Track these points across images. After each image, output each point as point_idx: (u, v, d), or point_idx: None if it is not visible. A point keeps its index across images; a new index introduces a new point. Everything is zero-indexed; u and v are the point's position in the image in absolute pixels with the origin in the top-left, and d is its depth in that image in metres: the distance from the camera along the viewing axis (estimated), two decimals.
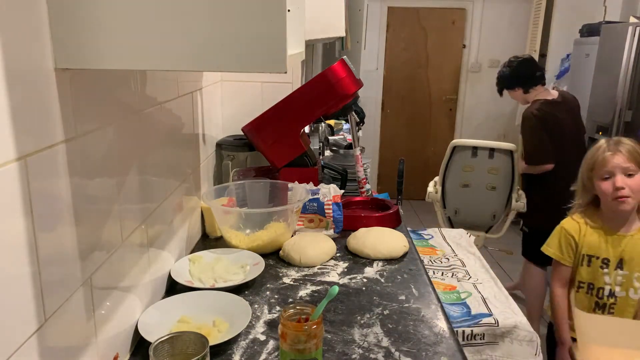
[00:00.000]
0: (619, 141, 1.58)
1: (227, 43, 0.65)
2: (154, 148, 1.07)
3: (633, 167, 1.53)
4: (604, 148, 1.58)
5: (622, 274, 1.61)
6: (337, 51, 3.05)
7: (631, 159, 1.54)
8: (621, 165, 1.53)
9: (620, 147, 1.55)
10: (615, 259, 1.62)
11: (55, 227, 0.69)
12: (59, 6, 0.65)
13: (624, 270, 1.61)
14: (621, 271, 1.61)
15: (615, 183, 1.53)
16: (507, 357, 1.30)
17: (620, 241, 1.61)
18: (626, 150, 1.54)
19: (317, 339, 0.84)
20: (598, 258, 1.63)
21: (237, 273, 1.22)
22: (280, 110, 1.57)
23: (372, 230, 1.43)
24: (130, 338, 0.96)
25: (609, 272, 1.62)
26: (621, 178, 1.53)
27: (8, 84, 0.58)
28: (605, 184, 1.56)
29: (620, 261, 1.61)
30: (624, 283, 1.61)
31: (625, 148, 1.55)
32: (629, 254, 1.60)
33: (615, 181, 1.53)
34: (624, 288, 1.62)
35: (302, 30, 1.00)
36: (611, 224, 1.63)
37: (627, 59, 2.62)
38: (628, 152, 1.54)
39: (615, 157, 1.54)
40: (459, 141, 2.99)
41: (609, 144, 1.59)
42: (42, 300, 0.65)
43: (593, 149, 1.63)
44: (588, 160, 1.63)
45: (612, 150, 1.55)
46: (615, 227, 1.63)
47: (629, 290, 1.61)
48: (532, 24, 4.77)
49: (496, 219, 3.04)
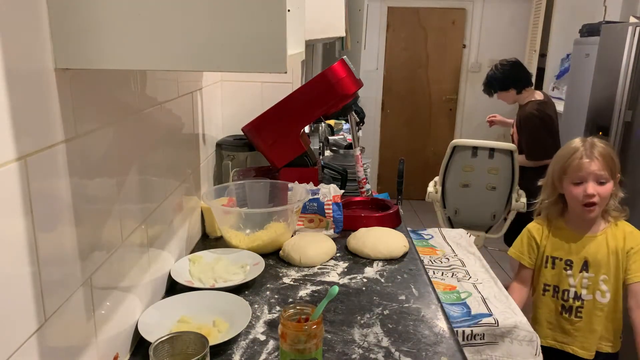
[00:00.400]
0: (593, 144, 1.54)
1: (227, 43, 0.65)
2: (154, 148, 1.07)
3: (606, 175, 1.51)
4: (581, 152, 1.53)
5: (587, 277, 1.58)
6: (337, 51, 3.05)
7: (606, 166, 1.51)
8: (595, 172, 1.50)
9: (596, 152, 1.51)
10: (579, 261, 1.59)
11: (55, 227, 0.69)
12: (59, 6, 0.65)
13: (589, 273, 1.58)
14: (587, 273, 1.59)
15: (587, 190, 1.50)
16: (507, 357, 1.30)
17: (583, 243, 1.60)
18: (602, 157, 1.51)
19: (317, 339, 0.84)
20: (561, 260, 1.62)
21: (237, 273, 1.22)
22: (280, 110, 1.57)
23: (372, 230, 1.43)
24: (130, 338, 0.96)
25: (573, 273, 1.60)
26: (593, 186, 1.51)
27: (8, 84, 0.58)
28: (577, 189, 1.53)
29: (585, 263, 1.59)
30: (590, 286, 1.58)
31: (601, 154, 1.51)
32: (593, 255, 1.58)
33: (586, 188, 1.51)
34: (590, 291, 1.59)
35: (302, 30, 1.00)
36: (575, 225, 1.62)
37: (627, 59, 2.62)
38: (603, 159, 1.51)
39: (591, 164, 1.51)
40: (459, 141, 2.99)
41: (585, 147, 1.54)
42: (42, 300, 0.65)
43: (568, 150, 1.58)
44: (561, 161, 1.58)
45: (589, 157, 1.51)
46: (579, 228, 1.62)
47: (595, 293, 1.58)
48: (532, 24, 4.77)
49: (496, 219, 3.04)
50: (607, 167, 1.51)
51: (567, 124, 3.51)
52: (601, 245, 1.58)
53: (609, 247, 1.58)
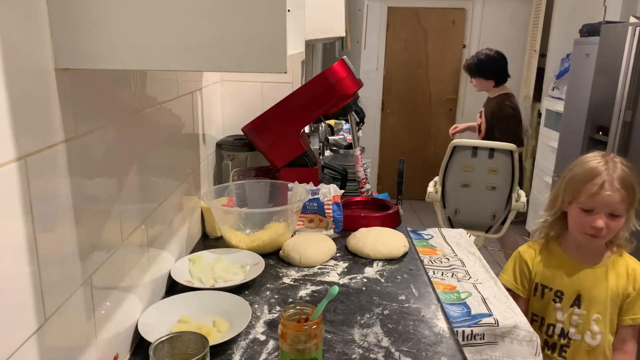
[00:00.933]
0: (615, 168, 1.33)
1: (227, 43, 0.65)
2: (154, 148, 1.07)
3: (621, 209, 1.32)
4: (601, 179, 1.31)
5: (578, 313, 1.39)
6: (337, 51, 3.05)
7: (625, 199, 1.31)
8: (612, 205, 1.31)
9: (618, 182, 1.30)
10: (571, 294, 1.40)
11: (55, 227, 0.69)
12: (59, 6, 0.65)
13: (581, 309, 1.39)
14: (578, 309, 1.39)
15: (596, 223, 1.31)
16: (507, 357, 1.30)
17: (579, 273, 1.40)
18: (624, 187, 1.30)
19: (317, 339, 0.84)
20: (551, 289, 1.43)
21: (237, 273, 1.22)
22: (280, 110, 1.57)
23: (372, 230, 1.43)
24: (130, 338, 0.96)
25: (562, 307, 1.41)
26: (605, 219, 1.31)
27: (8, 84, 0.58)
28: (585, 217, 1.34)
29: (578, 297, 1.39)
30: (580, 325, 1.39)
31: (624, 184, 1.31)
32: (588, 290, 1.39)
33: (596, 220, 1.31)
34: (579, 330, 1.40)
35: (302, 30, 1.00)
36: (572, 251, 1.43)
37: (627, 59, 2.62)
38: (625, 189, 1.30)
39: (610, 196, 1.30)
40: (459, 141, 2.99)
41: (607, 173, 1.31)
42: (42, 300, 0.65)
43: (586, 170, 1.35)
44: (576, 182, 1.36)
45: (610, 188, 1.29)
46: (577, 256, 1.42)
47: (585, 333, 1.39)
48: (532, 24, 4.77)
49: (496, 219, 3.04)
50: (626, 200, 1.31)
51: (567, 124, 3.52)
52: (599, 280, 1.39)
53: (609, 283, 1.39)
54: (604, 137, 2.83)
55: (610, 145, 2.73)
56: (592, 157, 1.39)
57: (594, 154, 1.41)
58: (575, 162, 1.43)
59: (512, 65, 5.06)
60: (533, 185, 4.40)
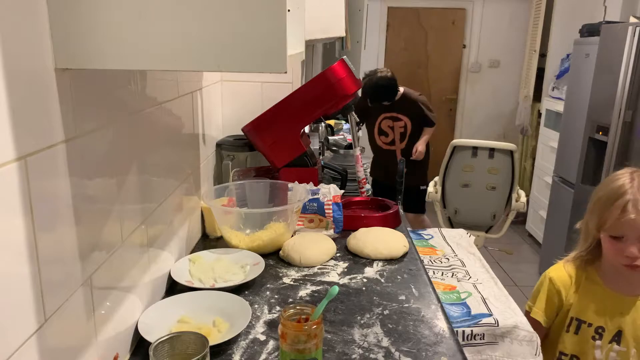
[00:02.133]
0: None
1: (227, 43, 0.65)
2: (154, 148, 1.07)
3: None
4: (625, 201, 1.17)
5: (617, 350, 1.26)
6: (337, 51, 3.05)
7: None
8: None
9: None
10: (612, 329, 1.26)
11: (55, 227, 0.69)
12: (59, 6, 0.65)
13: (620, 346, 1.25)
14: (617, 346, 1.26)
15: (628, 252, 1.18)
16: (507, 357, 1.30)
17: (622, 306, 1.26)
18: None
19: (317, 339, 0.84)
20: (590, 325, 1.27)
21: (237, 273, 1.22)
22: (280, 110, 1.57)
23: (372, 230, 1.43)
24: (130, 338, 0.96)
25: (601, 345, 1.26)
26: (636, 247, 1.18)
27: (8, 84, 0.58)
28: (616, 244, 1.21)
29: (619, 333, 1.25)
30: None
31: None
32: (631, 325, 1.25)
33: (628, 249, 1.18)
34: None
35: (302, 30, 1.00)
36: (612, 281, 1.28)
37: (627, 59, 2.62)
38: None
39: (636, 219, 1.16)
40: (459, 141, 3.00)
41: (632, 193, 1.18)
42: (42, 300, 0.65)
43: (610, 192, 1.21)
44: (601, 207, 1.23)
45: (635, 212, 1.16)
46: (617, 286, 1.28)
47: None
48: (532, 24, 4.77)
49: (496, 219, 3.05)
50: None
51: (567, 124, 3.52)
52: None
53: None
54: (604, 137, 2.83)
55: (610, 145, 2.73)
56: (619, 175, 1.24)
57: (622, 170, 1.26)
58: (603, 181, 1.31)
59: (512, 65, 5.12)
60: (533, 185, 4.40)
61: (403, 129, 3.18)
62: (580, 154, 3.08)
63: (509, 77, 5.17)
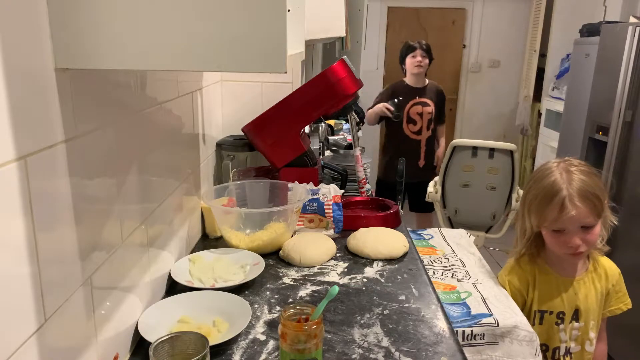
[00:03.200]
0: (571, 180, 1.23)
1: (227, 43, 0.65)
2: (154, 148, 1.07)
3: (591, 220, 1.23)
4: (560, 199, 1.21)
5: (577, 327, 1.35)
6: (337, 51, 3.05)
7: (591, 212, 1.22)
8: (581, 220, 1.22)
9: (577, 197, 1.21)
10: (570, 310, 1.34)
11: (55, 227, 0.69)
12: (59, 6, 0.65)
13: (579, 322, 1.34)
14: (577, 323, 1.35)
15: (572, 243, 1.24)
16: (507, 357, 1.30)
17: (574, 288, 1.34)
18: (584, 200, 1.21)
19: (317, 339, 0.84)
20: (552, 313, 1.35)
21: (237, 273, 1.22)
22: (280, 110, 1.57)
23: (372, 230, 1.43)
24: (130, 338, 0.96)
25: (564, 327, 1.35)
26: (578, 237, 1.24)
27: (8, 84, 0.58)
28: (558, 237, 1.27)
29: (576, 312, 1.34)
30: (578, 337, 1.36)
31: (584, 196, 1.21)
32: (583, 302, 1.34)
33: (571, 240, 1.24)
34: (579, 342, 1.36)
35: (302, 30, 1.00)
36: (560, 268, 1.36)
37: (627, 59, 2.62)
38: (587, 202, 1.21)
39: (573, 216, 1.21)
40: (459, 141, 2.99)
41: (566, 188, 1.22)
42: (42, 300, 0.65)
43: (542, 192, 1.26)
44: (536, 206, 1.28)
45: (570, 206, 1.21)
46: (566, 270, 1.36)
47: (585, 343, 1.36)
48: (532, 24, 4.77)
49: (496, 219, 3.04)
50: (593, 212, 1.23)
51: (567, 124, 3.52)
52: (590, 289, 1.35)
53: (596, 289, 1.36)
54: (604, 137, 2.83)
55: (610, 145, 2.73)
56: (547, 171, 1.29)
57: (549, 164, 1.31)
58: (531, 177, 1.35)
59: (512, 65, 5.12)
60: None
61: (430, 115, 3.27)
62: (580, 154, 3.08)
63: (509, 77, 5.17)
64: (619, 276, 1.42)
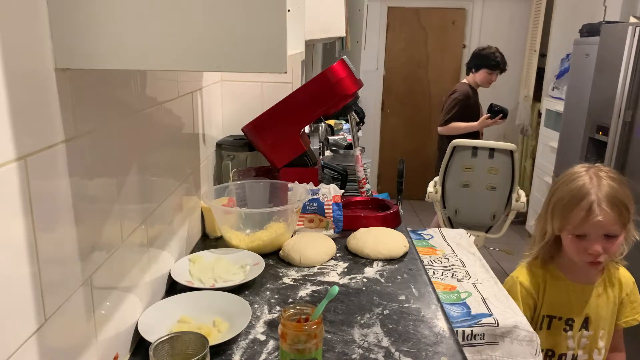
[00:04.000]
0: (600, 185, 1.20)
1: (227, 43, 0.65)
2: (154, 148, 1.07)
3: (616, 229, 1.21)
4: (587, 203, 1.19)
5: (587, 335, 1.33)
6: (337, 51, 3.05)
7: (617, 220, 1.19)
8: (606, 227, 1.20)
9: (605, 203, 1.19)
10: (580, 318, 1.33)
11: (55, 227, 0.69)
12: (59, 6, 0.65)
13: (588, 331, 1.32)
14: (586, 332, 1.33)
15: (593, 249, 1.22)
16: (507, 357, 1.30)
17: (585, 295, 1.32)
18: (613, 207, 1.19)
19: (317, 339, 0.84)
20: (560, 319, 1.33)
21: (237, 273, 1.22)
22: (280, 110, 1.57)
23: (372, 230, 1.43)
24: (130, 338, 0.96)
25: (572, 334, 1.33)
26: (602, 242, 1.21)
27: (8, 84, 0.58)
28: (579, 243, 1.24)
29: (586, 320, 1.32)
30: (587, 345, 1.34)
31: (613, 203, 1.19)
32: (594, 310, 1.32)
33: (592, 246, 1.21)
34: (587, 350, 1.34)
35: (302, 30, 1.00)
36: (572, 273, 1.34)
37: (627, 59, 2.62)
38: (615, 210, 1.19)
39: (600, 221, 1.19)
40: (459, 141, 2.99)
41: (593, 193, 1.20)
42: (42, 300, 0.65)
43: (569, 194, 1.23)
44: (561, 208, 1.25)
45: (601, 213, 1.18)
46: (578, 277, 1.33)
47: (592, 352, 1.34)
48: (532, 24, 4.77)
49: (496, 219, 3.04)
50: (619, 220, 1.20)
51: (567, 124, 3.52)
52: (602, 297, 1.33)
53: (609, 297, 1.34)
54: (604, 137, 2.83)
55: (610, 145, 2.73)
56: (575, 174, 1.26)
57: (578, 168, 1.29)
58: (558, 180, 1.33)
59: (512, 65, 5.10)
60: (533, 185, 4.40)
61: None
62: (580, 154, 3.09)
63: (509, 77, 5.16)
64: (634, 285, 1.39)
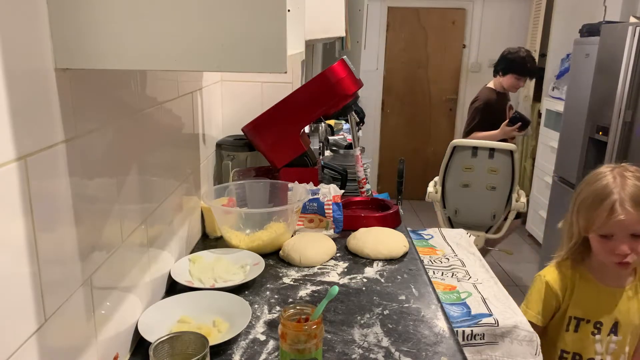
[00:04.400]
0: (625, 184, 1.19)
1: (227, 43, 0.65)
2: (154, 148, 1.07)
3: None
4: (611, 201, 1.18)
5: (615, 341, 1.30)
6: (337, 51, 3.05)
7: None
8: (631, 227, 1.18)
9: (629, 202, 1.17)
10: (609, 322, 1.30)
11: (55, 227, 0.69)
12: (59, 6, 0.65)
13: (617, 336, 1.30)
14: (615, 337, 1.30)
15: (620, 250, 1.20)
16: (507, 357, 1.30)
17: (615, 298, 1.30)
18: (638, 206, 1.18)
19: (317, 339, 0.84)
20: (589, 322, 1.31)
21: (237, 273, 1.22)
22: (280, 110, 1.57)
23: (372, 230, 1.43)
24: (130, 338, 0.96)
25: (601, 338, 1.30)
26: (627, 244, 1.19)
27: (8, 84, 0.58)
28: (606, 243, 1.23)
29: (615, 325, 1.30)
30: (615, 351, 1.31)
31: (638, 202, 1.18)
32: (624, 315, 1.29)
33: (619, 247, 1.20)
34: (615, 357, 1.31)
35: (302, 30, 1.00)
36: (602, 276, 1.32)
37: (627, 59, 2.62)
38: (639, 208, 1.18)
39: (624, 220, 1.17)
40: (459, 141, 2.99)
41: (618, 192, 1.19)
42: (42, 300, 0.65)
43: (594, 193, 1.23)
44: (586, 208, 1.25)
45: (621, 210, 1.17)
46: (608, 280, 1.31)
47: (619, 357, 1.31)
48: (532, 24, 4.77)
49: (496, 219, 3.04)
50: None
51: (567, 124, 3.52)
52: (632, 301, 1.30)
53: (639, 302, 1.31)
54: (604, 137, 2.83)
55: (610, 145, 2.73)
56: (600, 175, 1.25)
57: (603, 168, 1.28)
58: (584, 180, 1.32)
59: None
60: (533, 185, 4.40)
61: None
62: (580, 154, 3.08)
63: None
64: None
